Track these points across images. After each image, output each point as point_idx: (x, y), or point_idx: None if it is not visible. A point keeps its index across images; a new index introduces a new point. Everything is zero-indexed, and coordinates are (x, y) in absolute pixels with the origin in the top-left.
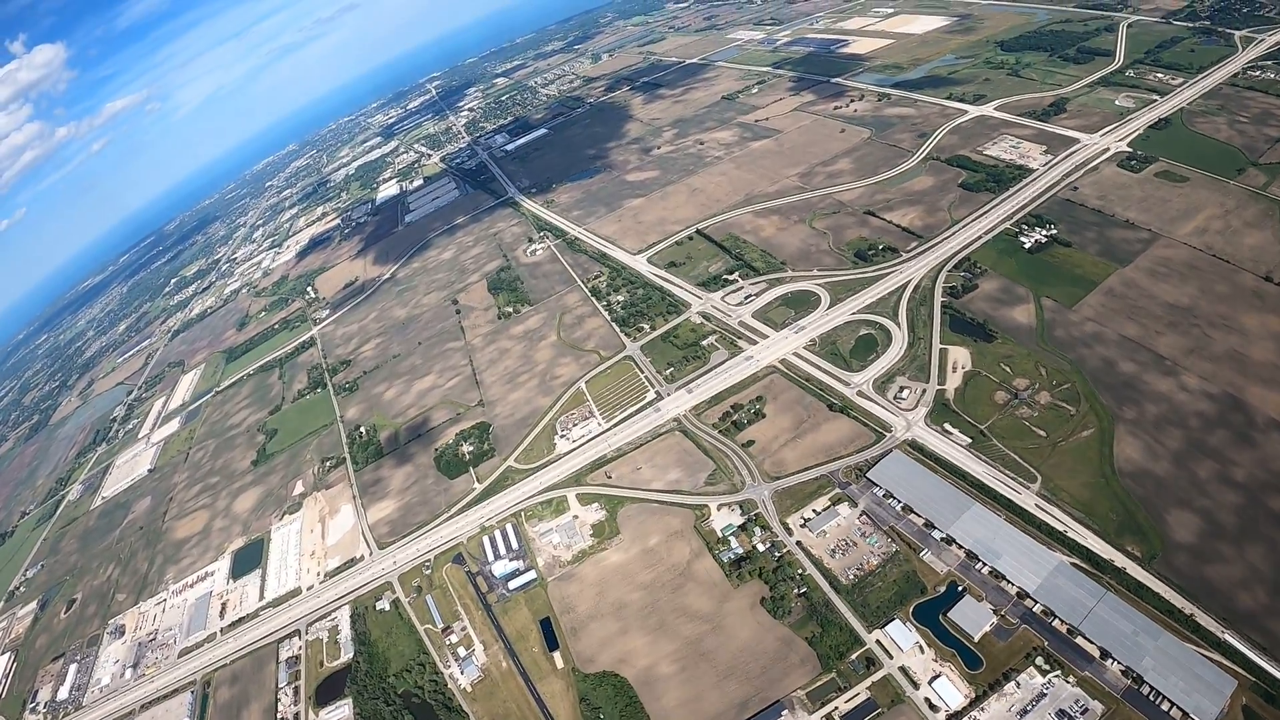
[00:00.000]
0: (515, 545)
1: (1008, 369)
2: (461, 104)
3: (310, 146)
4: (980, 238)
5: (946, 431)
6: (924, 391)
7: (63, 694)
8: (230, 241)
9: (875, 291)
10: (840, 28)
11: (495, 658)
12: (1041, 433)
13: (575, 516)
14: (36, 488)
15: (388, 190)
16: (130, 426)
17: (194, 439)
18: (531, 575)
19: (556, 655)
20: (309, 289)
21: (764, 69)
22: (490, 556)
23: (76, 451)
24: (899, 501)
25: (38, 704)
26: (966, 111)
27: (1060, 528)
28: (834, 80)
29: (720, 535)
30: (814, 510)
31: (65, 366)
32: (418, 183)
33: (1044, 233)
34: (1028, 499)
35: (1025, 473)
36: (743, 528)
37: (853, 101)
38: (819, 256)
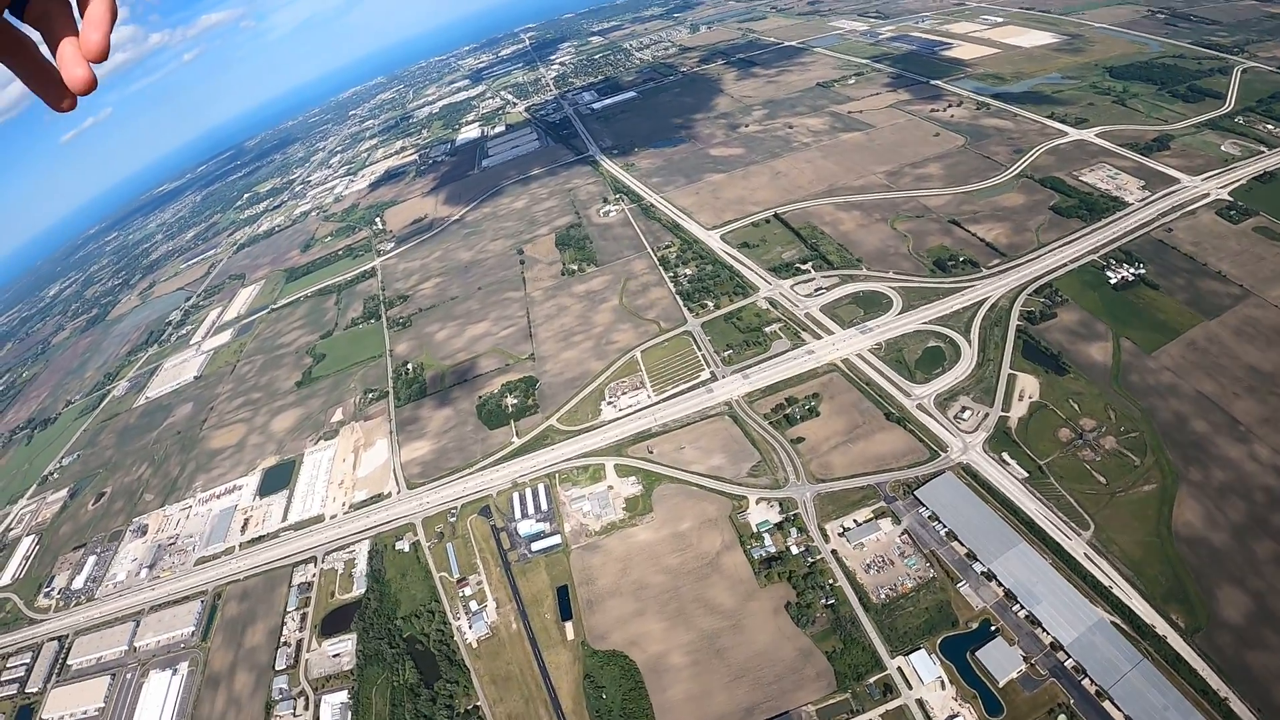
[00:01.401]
0: (545, 507)
1: (1076, 406)
2: (554, 58)
3: (398, 81)
4: (1065, 265)
5: (1004, 461)
6: (986, 415)
7: (78, 583)
8: (307, 164)
9: (950, 304)
10: (946, 30)
11: (506, 618)
12: (1102, 479)
13: (610, 487)
14: (85, 379)
15: (469, 133)
16: (184, 332)
17: (243, 352)
18: (556, 540)
19: (569, 626)
20: (377, 220)
21: (862, 61)
22: (518, 514)
23: (129, 349)
24: (944, 526)
25: (53, 589)
26: (1067, 133)
27: (1106, 582)
28: (933, 82)
29: (755, 530)
30: (855, 520)
31: (130, 266)
32: (500, 129)
33: (1132, 271)
34: (1077, 546)
35: (1079, 518)
36: (779, 526)
37: (950, 106)
38: (896, 259)
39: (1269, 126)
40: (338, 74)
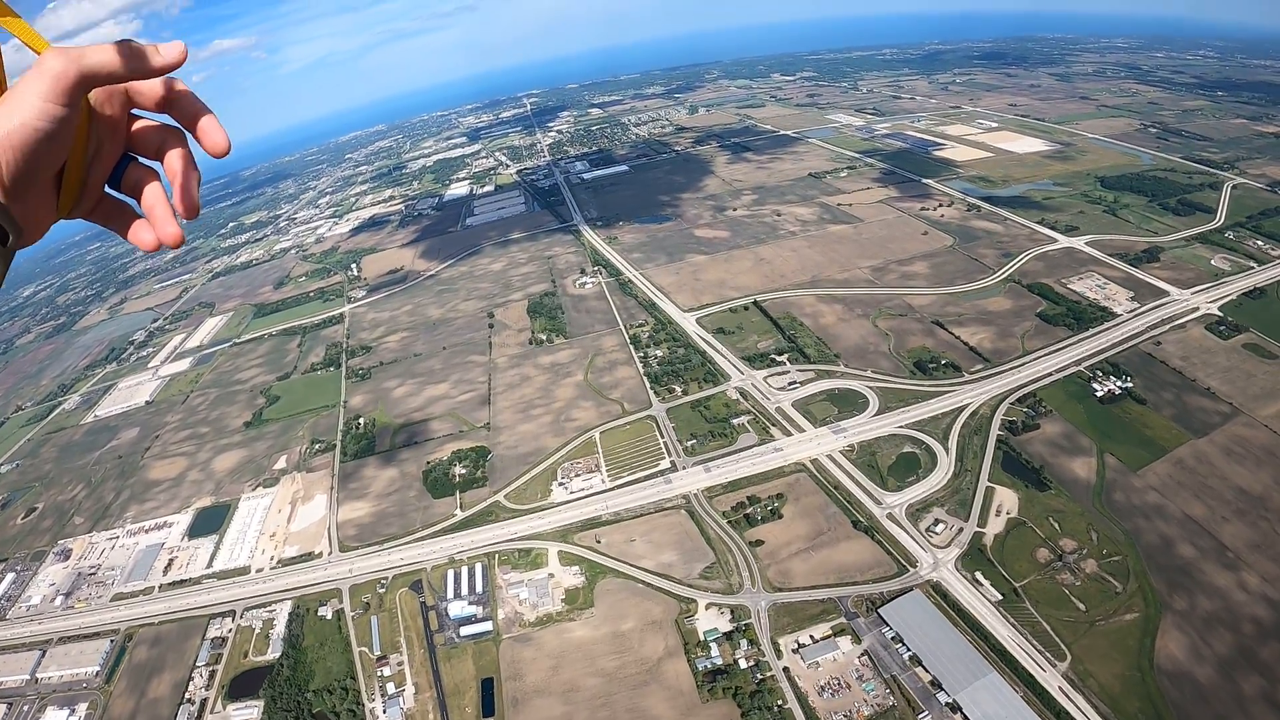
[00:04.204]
0: (480, 589)
1: (1056, 525)
2: (552, 124)
3: (398, 131)
4: (1050, 375)
5: (977, 582)
6: (960, 530)
7: None
8: (296, 201)
9: (929, 408)
10: (940, 130)
11: (424, 706)
12: (1081, 605)
13: (551, 575)
14: (40, 387)
15: (458, 189)
16: (145, 354)
17: (199, 383)
18: (487, 626)
19: None
20: (354, 266)
21: (855, 154)
22: (450, 593)
23: (88, 363)
24: (908, 649)
25: None
26: (1056, 240)
27: None
28: (924, 181)
29: (702, 638)
30: (811, 636)
31: (106, 279)
32: (489, 188)
33: (1118, 384)
34: (1052, 678)
35: (1055, 648)
36: (729, 636)
37: (940, 206)
38: (876, 357)
39: (1259, 242)
40: (341, 116)
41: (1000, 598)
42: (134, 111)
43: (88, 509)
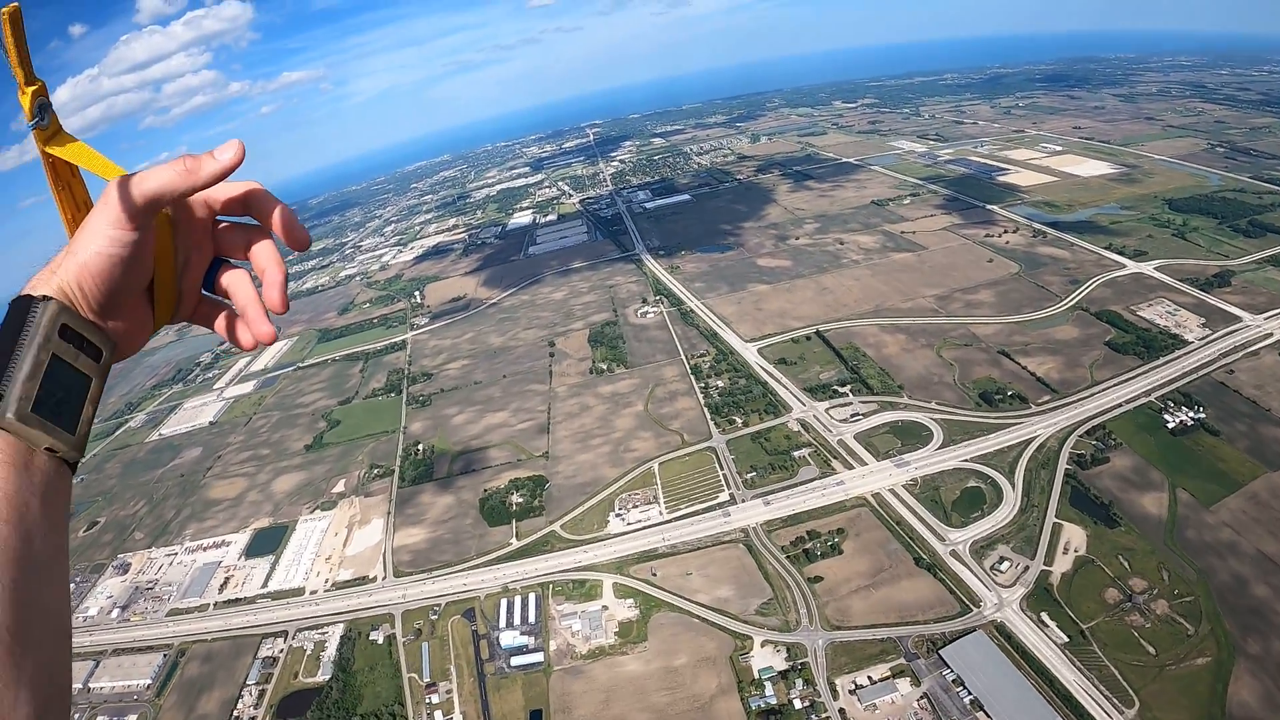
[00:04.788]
0: (532, 619)
1: (1126, 564)
2: (614, 154)
3: (462, 161)
4: (1120, 405)
5: (1042, 623)
6: (1026, 569)
7: None
8: (362, 229)
9: (994, 441)
10: (1004, 155)
11: None
12: (1151, 649)
13: (605, 607)
14: (107, 404)
15: (521, 218)
16: (210, 375)
17: (261, 406)
18: (539, 657)
19: None
20: (417, 293)
21: (918, 181)
22: (503, 622)
23: (154, 383)
24: (969, 693)
25: None
26: (1124, 265)
27: None
28: (988, 207)
29: (757, 676)
30: (869, 677)
31: None
32: (552, 217)
33: (1190, 414)
34: None
35: (1123, 694)
36: (784, 675)
37: (1005, 232)
38: (940, 389)
39: None
40: (407, 146)
41: (1066, 640)
42: (220, 218)
43: (148, 525)
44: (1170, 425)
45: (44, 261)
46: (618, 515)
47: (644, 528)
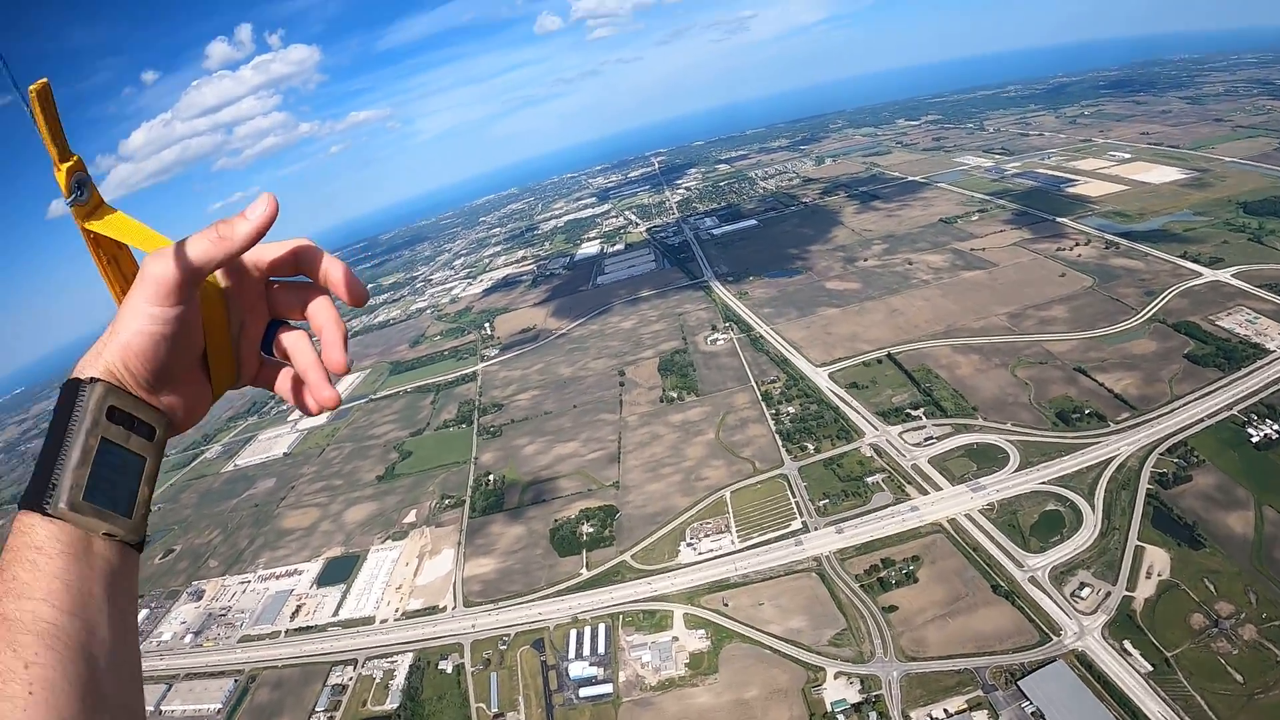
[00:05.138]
0: (602, 650)
1: (1212, 587)
2: (680, 182)
3: (529, 194)
4: (1201, 420)
5: (1125, 651)
6: (1108, 595)
7: None
8: (432, 263)
9: (1073, 462)
10: (1072, 166)
11: None
12: (1239, 677)
13: (675, 638)
14: (184, 436)
15: (588, 249)
16: (284, 408)
17: (334, 437)
18: (608, 689)
19: None
20: (487, 325)
21: (985, 197)
22: (572, 653)
23: (230, 415)
24: None
25: None
26: (1201, 274)
27: None
28: (1058, 220)
29: (829, 709)
30: (945, 710)
31: None
32: (619, 247)
33: (1275, 427)
34: None
35: None
36: (857, 708)
37: (1076, 245)
38: (1015, 409)
39: None
40: (474, 181)
41: (1150, 669)
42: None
43: (222, 553)
44: (1255, 439)
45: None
46: (689, 545)
47: (715, 557)
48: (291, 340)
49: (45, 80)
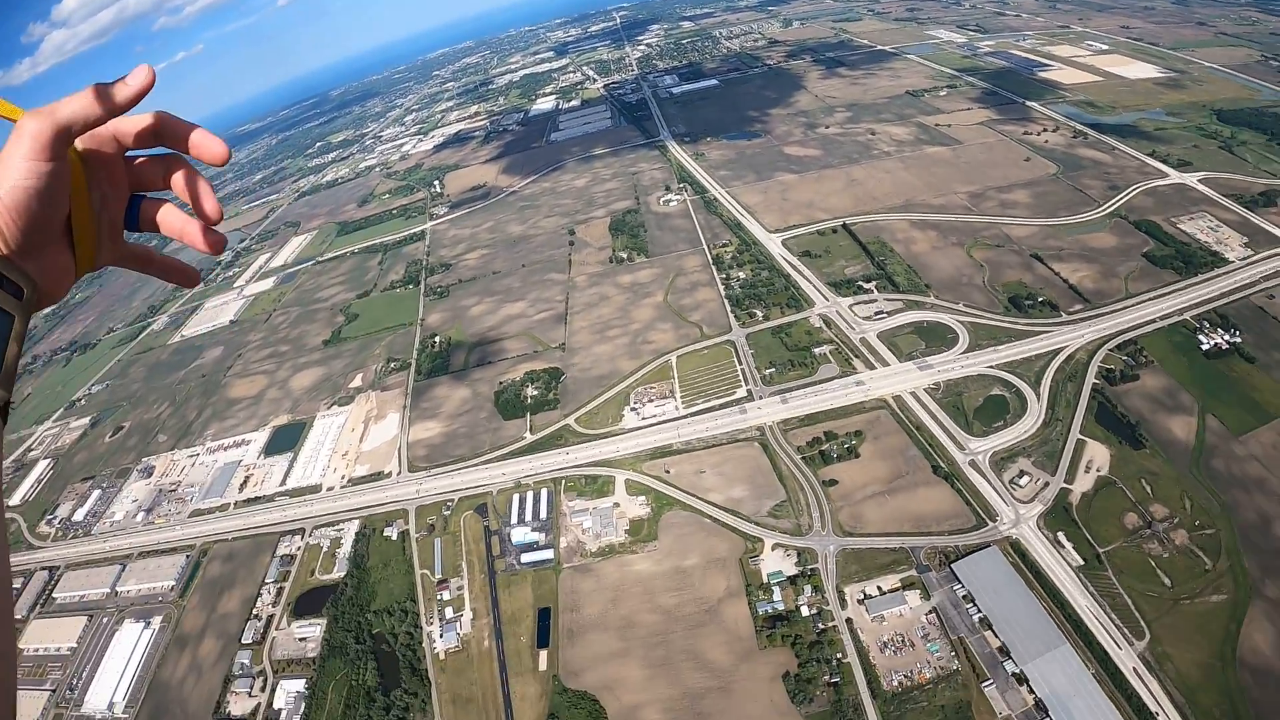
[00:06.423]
0: (544, 515)
1: (1149, 488)
2: (641, 38)
3: (485, 47)
4: (1154, 321)
5: (1059, 543)
6: (1046, 485)
7: (79, 515)
8: (383, 119)
9: (1022, 348)
10: (1047, 50)
11: (480, 633)
12: (1167, 580)
13: (617, 504)
14: (130, 308)
15: (543, 104)
16: (230, 274)
17: (281, 302)
18: (549, 554)
19: (543, 654)
20: (436, 183)
21: (955, 73)
22: (514, 518)
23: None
24: (979, 611)
25: (55, 518)
26: (1167, 175)
27: (1153, 708)
28: (1027, 103)
29: (765, 580)
30: (879, 588)
31: None
32: (575, 103)
33: (1227, 338)
34: (1127, 658)
35: (1134, 624)
36: (793, 580)
37: (1044, 131)
38: (969, 290)
39: None
40: (429, 35)
41: (1082, 563)
42: (130, 153)
43: (171, 427)
44: (1205, 347)
45: None
46: (633, 409)
47: (659, 423)
48: (158, 209)
49: None
